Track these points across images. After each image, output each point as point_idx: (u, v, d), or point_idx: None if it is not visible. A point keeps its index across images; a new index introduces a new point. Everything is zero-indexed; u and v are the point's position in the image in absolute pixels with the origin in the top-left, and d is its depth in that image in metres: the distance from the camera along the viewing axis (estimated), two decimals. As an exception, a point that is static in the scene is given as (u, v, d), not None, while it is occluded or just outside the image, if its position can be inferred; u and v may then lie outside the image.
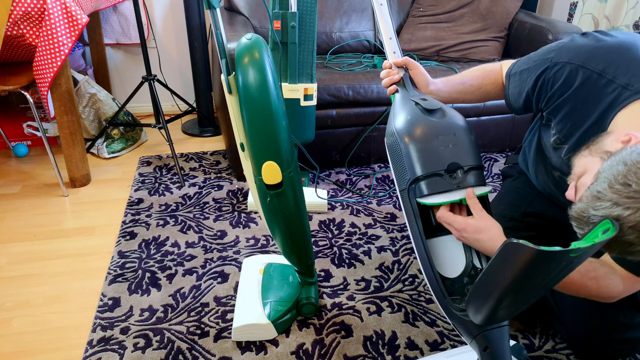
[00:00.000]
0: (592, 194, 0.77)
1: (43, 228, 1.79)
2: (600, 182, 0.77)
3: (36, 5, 1.67)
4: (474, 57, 2.38)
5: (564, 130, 1.07)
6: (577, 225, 0.80)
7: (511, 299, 0.82)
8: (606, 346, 1.21)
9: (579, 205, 0.79)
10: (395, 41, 1.26)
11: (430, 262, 0.99)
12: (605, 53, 0.98)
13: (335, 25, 2.44)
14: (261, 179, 1.13)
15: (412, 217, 1.01)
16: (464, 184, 0.98)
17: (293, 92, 1.77)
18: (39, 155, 2.32)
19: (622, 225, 0.73)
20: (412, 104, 1.07)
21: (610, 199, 0.74)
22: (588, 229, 0.77)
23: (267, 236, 1.74)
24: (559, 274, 0.79)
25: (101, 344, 1.29)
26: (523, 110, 1.19)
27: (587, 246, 0.69)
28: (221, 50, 1.09)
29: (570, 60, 1.01)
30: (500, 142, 2.36)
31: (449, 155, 0.98)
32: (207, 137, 2.58)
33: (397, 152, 1.03)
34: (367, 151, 2.20)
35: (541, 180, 1.28)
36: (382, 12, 1.27)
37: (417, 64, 1.21)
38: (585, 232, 0.77)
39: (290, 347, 1.30)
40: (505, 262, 0.73)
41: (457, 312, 0.97)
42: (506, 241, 0.70)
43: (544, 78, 1.06)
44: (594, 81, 0.97)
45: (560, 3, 2.63)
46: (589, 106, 0.99)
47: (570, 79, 1.01)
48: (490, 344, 0.96)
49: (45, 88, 1.84)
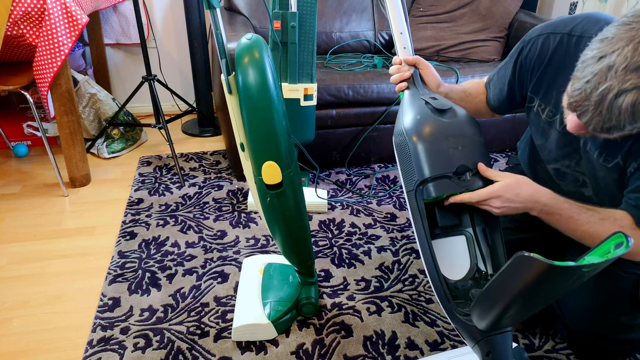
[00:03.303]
0: (578, 69, 0.78)
1: (43, 228, 1.79)
2: (580, 58, 0.79)
3: (36, 5, 1.67)
4: (474, 57, 2.38)
5: (552, 100, 1.08)
6: (581, 111, 0.79)
7: (518, 308, 0.81)
8: (607, 346, 1.21)
9: (573, 87, 0.79)
10: (406, 36, 1.19)
11: (435, 264, 0.98)
12: (570, 19, 1.05)
13: (335, 25, 2.44)
14: (261, 179, 1.13)
15: (419, 218, 0.99)
16: (472, 187, 0.97)
17: (293, 92, 1.77)
18: (39, 155, 2.32)
19: (617, 69, 0.72)
20: (421, 103, 1.04)
21: (593, 57, 0.75)
22: (592, 106, 0.76)
23: (267, 236, 1.74)
24: (570, 287, 0.77)
25: (101, 344, 1.29)
26: (508, 104, 1.22)
27: (600, 262, 0.68)
28: (221, 50, 1.09)
29: (541, 32, 1.08)
30: (500, 142, 2.36)
31: (458, 157, 0.97)
32: (207, 137, 2.58)
33: (405, 151, 1.01)
34: (367, 151, 2.20)
35: (541, 181, 1.28)
36: (394, 4, 1.19)
37: (429, 64, 1.19)
38: (590, 113, 0.76)
39: (290, 347, 1.30)
40: (515, 274, 0.71)
41: (461, 317, 0.96)
42: (518, 254, 0.68)
43: (521, 58, 1.12)
44: (565, 42, 1.03)
45: (560, 3, 2.62)
46: (567, 67, 1.01)
47: (544, 47, 1.06)
48: (493, 350, 0.95)
49: (45, 88, 1.84)
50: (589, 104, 0.76)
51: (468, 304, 0.98)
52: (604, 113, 0.75)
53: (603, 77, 0.73)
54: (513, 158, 1.51)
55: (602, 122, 0.77)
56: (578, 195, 1.18)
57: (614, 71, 0.72)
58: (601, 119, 0.76)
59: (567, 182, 1.17)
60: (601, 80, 0.73)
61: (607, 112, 0.75)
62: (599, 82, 0.74)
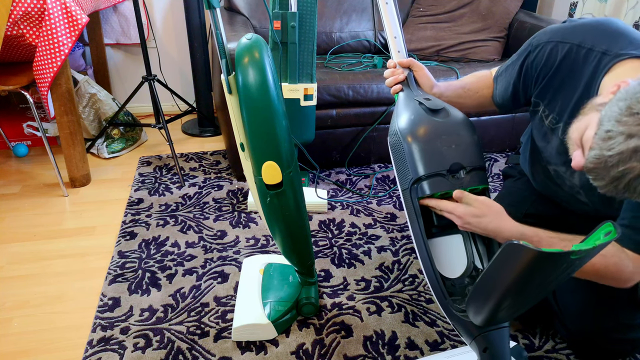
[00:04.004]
0: (601, 137, 0.74)
1: (43, 228, 1.79)
2: (605, 123, 0.74)
3: (36, 5, 1.67)
4: (474, 57, 2.38)
5: (556, 108, 1.08)
6: (595, 176, 0.77)
7: (511, 301, 0.81)
8: (606, 346, 1.21)
9: (592, 153, 0.76)
10: (400, 40, 1.23)
11: (431, 262, 0.99)
12: (581, 28, 1.03)
13: (335, 25, 2.44)
14: (261, 179, 1.13)
15: (414, 216, 1.00)
16: (466, 185, 0.98)
17: (293, 92, 1.77)
18: (39, 155, 2.32)
19: None
20: (415, 104, 1.06)
21: (621, 132, 0.72)
22: (608, 178, 0.74)
23: (267, 236, 1.74)
24: (560, 276, 0.78)
25: (101, 344, 1.29)
26: (511, 104, 1.21)
27: (588, 248, 0.69)
28: (221, 50, 1.09)
29: (550, 39, 1.06)
30: (500, 142, 2.36)
31: (451, 155, 0.98)
32: (207, 137, 2.58)
33: (400, 151, 1.02)
34: (367, 151, 2.20)
35: (539, 180, 1.28)
36: (388, 10, 1.23)
37: (422, 66, 1.21)
38: (605, 182, 0.75)
39: (290, 347, 1.30)
40: (506, 263, 0.72)
41: (458, 313, 0.96)
42: (507, 242, 0.69)
43: (527, 63, 1.11)
44: (574, 53, 1.01)
45: (560, 3, 2.62)
46: (574, 78, 1.01)
47: (552, 56, 1.05)
48: (490, 345, 0.96)
49: (45, 88, 1.84)
50: (606, 175, 0.75)
51: (465, 301, 0.98)
52: (620, 188, 0.75)
53: (628, 157, 0.71)
54: (513, 158, 1.51)
55: (614, 192, 0.76)
56: (574, 200, 1.18)
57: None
58: (615, 191, 0.76)
59: (564, 184, 1.17)
60: (624, 160, 0.72)
61: (623, 188, 0.74)
62: (622, 160, 0.72)
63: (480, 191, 1.03)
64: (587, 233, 1.13)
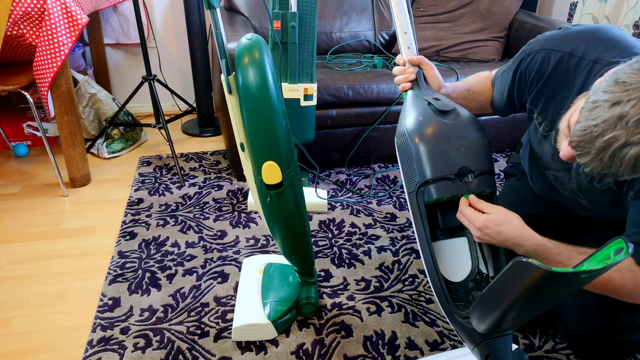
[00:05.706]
0: (587, 109, 0.74)
1: (43, 228, 1.79)
2: (592, 96, 0.74)
3: (36, 5, 1.67)
4: (474, 57, 2.38)
5: (548, 115, 1.08)
6: (581, 151, 0.76)
7: (517, 313, 0.80)
8: (607, 347, 1.21)
9: (577, 126, 0.75)
10: (411, 36, 1.18)
11: (435, 266, 0.97)
12: (574, 36, 1.03)
13: (335, 25, 2.44)
14: (261, 179, 1.13)
15: (419, 219, 0.98)
16: (473, 189, 0.96)
17: (293, 92, 1.77)
18: (39, 155, 2.32)
19: (628, 121, 0.69)
20: (424, 104, 1.03)
21: (607, 100, 0.71)
22: (594, 150, 0.73)
23: (267, 236, 1.74)
24: (568, 292, 0.77)
25: (101, 344, 1.29)
26: (507, 109, 1.21)
27: (599, 268, 0.67)
28: (221, 50, 1.09)
29: (543, 47, 1.06)
30: (500, 142, 2.36)
31: (460, 158, 0.95)
32: (207, 137, 2.58)
33: (407, 153, 1.00)
34: (367, 151, 2.20)
35: (538, 184, 1.28)
36: (399, 3, 1.18)
37: (432, 65, 1.18)
38: (591, 156, 0.74)
39: (290, 347, 1.30)
40: (514, 280, 0.71)
41: (461, 319, 0.95)
42: (516, 259, 0.67)
43: (521, 70, 1.11)
44: (566, 61, 1.01)
45: (560, 3, 2.62)
46: (566, 86, 1.01)
47: (544, 64, 1.05)
48: (492, 353, 0.94)
49: (45, 88, 1.84)
50: (592, 147, 0.74)
51: (468, 306, 0.97)
52: (605, 160, 0.73)
53: (613, 125, 0.71)
54: (514, 157, 1.51)
55: (601, 167, 0.75)
56: (575, 204, 1.18)
57: (625, 122, 0.70)
58: (600, 164, 0.74)
59: (564, 189, 1.17)
60: (610, 128, 0.71)
61: (608, 160, 0.73)
62: (607, 129, 0.71)
63: (487, 195, 1.01)
64: (591, 234, 1.12)
